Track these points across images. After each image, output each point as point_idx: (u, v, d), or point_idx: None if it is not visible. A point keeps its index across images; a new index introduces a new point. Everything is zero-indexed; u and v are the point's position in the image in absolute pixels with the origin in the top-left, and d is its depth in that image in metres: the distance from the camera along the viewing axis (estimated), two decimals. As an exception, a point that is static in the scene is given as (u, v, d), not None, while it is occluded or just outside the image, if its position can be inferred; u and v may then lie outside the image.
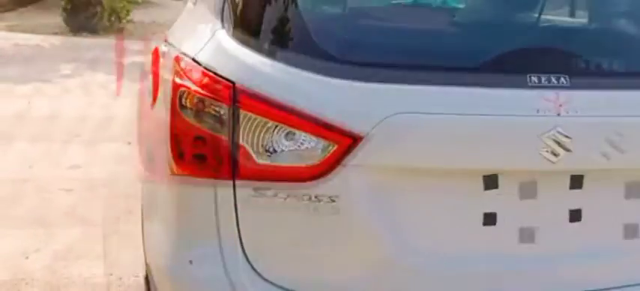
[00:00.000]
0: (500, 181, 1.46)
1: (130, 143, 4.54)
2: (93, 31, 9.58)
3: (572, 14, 1.87)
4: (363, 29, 1.57)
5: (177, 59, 1.58)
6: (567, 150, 1.42)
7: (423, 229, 1.46)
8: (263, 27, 1.50)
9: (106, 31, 9.65)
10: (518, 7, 1.73)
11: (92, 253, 2.96)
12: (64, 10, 9.77)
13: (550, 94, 1.42)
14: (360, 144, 1.36)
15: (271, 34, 1.49)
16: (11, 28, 9.51)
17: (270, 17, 1.50)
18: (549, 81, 1.43)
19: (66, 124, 4.88)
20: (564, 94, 1.42)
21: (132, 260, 2.90)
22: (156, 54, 2.48)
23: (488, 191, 1.46)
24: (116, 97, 5.79)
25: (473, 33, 1.58)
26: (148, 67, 2.41)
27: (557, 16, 1.81)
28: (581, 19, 1.86)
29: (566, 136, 1.41)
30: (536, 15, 1.77)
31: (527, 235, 1.52)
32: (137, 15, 10.90)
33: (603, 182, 1.53)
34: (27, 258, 2.89)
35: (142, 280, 2.74)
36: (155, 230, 1.63)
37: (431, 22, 1.64)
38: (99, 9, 9.74)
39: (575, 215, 1.52)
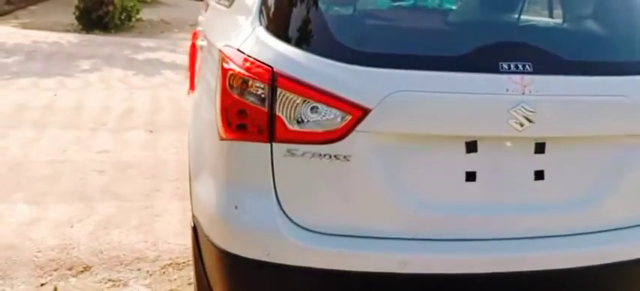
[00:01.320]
0: (479, 145, 1.85)
1: (151, 131, 4.94)
2: (105, 28, 9.97)
3: (537, 14, 2.26)
4: (370, 25, 1.98)
5: (222, 50, 1.97)
6: (531, 121, 1.81)
7: (418, 182, 1.85)
8: (292, 24, 1.90)
9: (118, 28, 10.04)
10: (494, 8, 2.12)
11: (128, 223, 3.36)
12: (77, 8, 10.16)
13: (517, 77, 1.81)
14: (369, 115, 1.75)
15: (300, 30, 1.88)
16: (25, 26, 9.90)
17: (297, 16, 1.90)
18: (517, 67, 1.82)
19: (91, 114, 5.26)
20: (528, 78, 1.81)
21: (163, 229, 3.32)
22: (193, 48, 2.87)
23: (469, 154, 1.85)
24: (131, 90, 6.18)
25: (457, 29, 1.97)
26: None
27: (525, 16, 2.20)
28: (544, 18, 2.26)
29: (530, 111, 1.80)
30: (509, 15, 2.17)
31: (500, 190, 1.91)
32: (146, 14, 11.32)
33: (562, 148, 1.92)
34: (72, 227, 3.29)
35: (173, 247, 3.16)
36: (204, 186, 2.01)
37: (425, 21, 2.03)
38: (111, 8, 10.12)
39: (539, 175, 1.92)
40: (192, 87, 2.83)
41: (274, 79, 1.77)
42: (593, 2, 2.14)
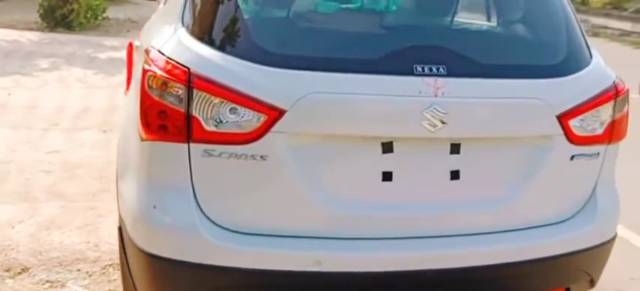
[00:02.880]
0: (395, 146, 1.90)
1: (105, 131, 4.91)
2: (69, 27, 9.85)
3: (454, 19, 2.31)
4: (286, 28, 2.01)
5: (146, 51, 1.99)
6: (444, 123, 1.86)
7: (335, 181, 1.89)
8: (213, 26, 1.92)
9: (83, 27, 9.92)
10: (413, 12, 2.17)
11: (71, 224, 3.34)
12: (41, 5, 10.03)
13: (430, 80, 1.85)
14: (284, 116, 1.78)
15: (218, 32, 1.91)
16: (-13, 24, 9.73)
17: (217, 19, 1.92)
18: (430, 70, 1.87)
19: (45, 114, 5.20)
20: (441, 80, 1.86)
21: (107, 230, 3.29)
22: (130, 47, 2.87)
23: (385, 154, 1.90)
24: (90, 89, 6.12)
25: (374, 32, 2.01)
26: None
27: (441, 21, 2.25)
28: (460, 22, 2.31)
29: (442, 112, 1.85)
30: (427, 19, 2.21)
31: (416, 190, 1.96)
32: (113, 12, 11.21)
33: (477, 148, 1.97)
34: (13, 228, 3.25)
35: (115, 247, 3.15)
36: (127, 185, 2.02)
37: (342, 24, 2.06)
38: (75, 6, 10.00)
39: (455, 175, 1.97)
40: (128, 87, 2.83)
41: (190, 81, 1.79)
42: (510, 7, 2.21)
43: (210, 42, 1.88)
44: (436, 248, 1.97)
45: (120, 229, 2.13)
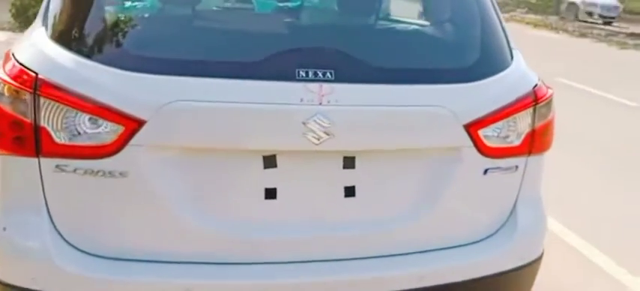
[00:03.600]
0: (279, 160, 1.69)
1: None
2: (41, 27, 9.61)
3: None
4: (152, 29, 1.79)
5: (6, 55, 1.78)
6: (329, 134, 1.65)
7: (209, 200, 1.68)
8: (71, 27, 1.70)
9: (55, 27, 9.68)
10: (297, 12, 1.95)
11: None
12: (13, 5, 9.81)
13: (314, 86, 1.64)
14: (144, 127, 1.57)
15: (77, 33, 1.69)
16: (-43, 23, 9.49)
17: (76, 19, 1.71)
18: (315, 75, 1.65)
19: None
20: (327, 87, 1.65)
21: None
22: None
23: (268, 169, 1.69)
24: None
25: (253, 33, 1.80)
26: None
27: (333, 20, 2.04)
28: (355, 22, 2.09)
29: (325, 123, 1.64)
30: (313, 19, 2.00)
31: (304, 209, 1.75)
32: (89, 12, 10.96)
33: (375, 162, 1.76)
34: None
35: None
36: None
37: (212, 23, 1.86)
38: (48, 5, 9.76)
39: (350, 191, 1.76)
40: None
41: (37, 87, 1.58)
42: (416, 6, 2.00)
43: (67, 44, 1.66)
44: (328, 274, 1.75)
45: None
